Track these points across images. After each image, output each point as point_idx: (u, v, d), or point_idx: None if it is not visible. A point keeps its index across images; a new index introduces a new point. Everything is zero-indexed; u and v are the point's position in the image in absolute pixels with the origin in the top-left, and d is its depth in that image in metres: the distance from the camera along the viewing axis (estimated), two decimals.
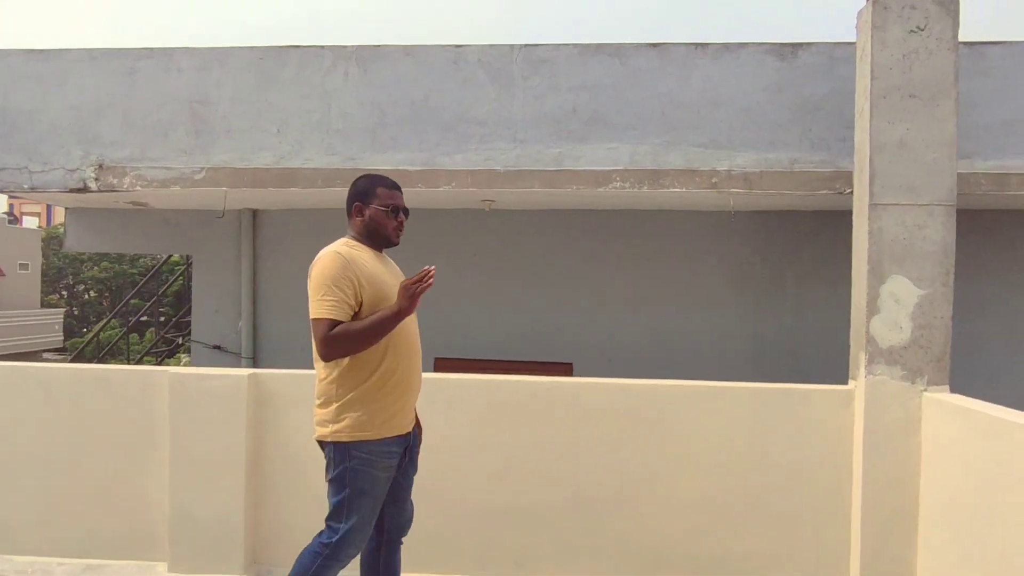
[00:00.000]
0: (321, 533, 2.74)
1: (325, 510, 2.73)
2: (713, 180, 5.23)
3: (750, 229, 6.65)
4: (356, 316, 2.61)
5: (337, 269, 2.58)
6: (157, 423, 3.85)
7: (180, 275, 15.07)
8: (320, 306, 2.56)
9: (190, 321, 8.56)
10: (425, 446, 3.04)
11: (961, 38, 4.02)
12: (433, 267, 2.54)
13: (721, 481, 3.77)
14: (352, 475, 2.65)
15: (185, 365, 10.62)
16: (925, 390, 3.77)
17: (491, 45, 5.22)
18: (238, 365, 7.09)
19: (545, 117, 5.23)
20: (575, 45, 5.26)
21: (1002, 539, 3.05)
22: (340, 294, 2.56)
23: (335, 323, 2.55)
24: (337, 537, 2.67)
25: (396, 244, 2.82)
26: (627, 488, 3.80)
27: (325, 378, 2.70)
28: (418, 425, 2.96)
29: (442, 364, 6.61)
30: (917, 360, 3.80)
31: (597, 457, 3.80)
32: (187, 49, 5.49)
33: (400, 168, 5.09)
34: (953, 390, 3.80)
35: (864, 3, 4.17)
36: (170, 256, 14.77)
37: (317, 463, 3.43)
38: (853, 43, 5.41)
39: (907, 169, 3.86)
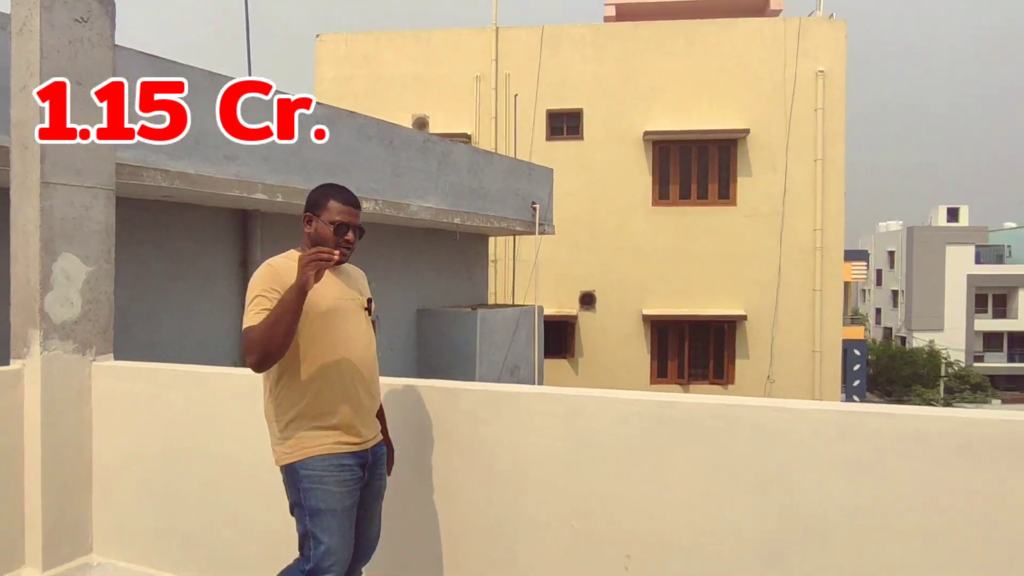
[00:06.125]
0: (298, 559, 2.64)
1: None
2: None
3: None
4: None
5: (263, 280, 2.62)
6: None
7: None
8: (246, 317, 2.57)
9: None
10: None
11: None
12: (337, 253, 2.51)
13: None
14: (306, 495, 2.60)
15: None
16: (94, 360, 4.07)
17: None
18: None
19: None
20: None
21: (179, 473, 3.66)
22: (265, 303, 2.56)
23: None
24: (310, 565, 2.58)
25: (337, 263, 2.56)
26: None
27: (267, 399, 2.69)
28: (387, 445, 2.93)
29: None
30: (87, 333, 4.06)
31: None
32: None
33: None
34: (124, 357, 4.22)
35: None
36: None
37: None
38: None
39: (75, 152, 4.05)
